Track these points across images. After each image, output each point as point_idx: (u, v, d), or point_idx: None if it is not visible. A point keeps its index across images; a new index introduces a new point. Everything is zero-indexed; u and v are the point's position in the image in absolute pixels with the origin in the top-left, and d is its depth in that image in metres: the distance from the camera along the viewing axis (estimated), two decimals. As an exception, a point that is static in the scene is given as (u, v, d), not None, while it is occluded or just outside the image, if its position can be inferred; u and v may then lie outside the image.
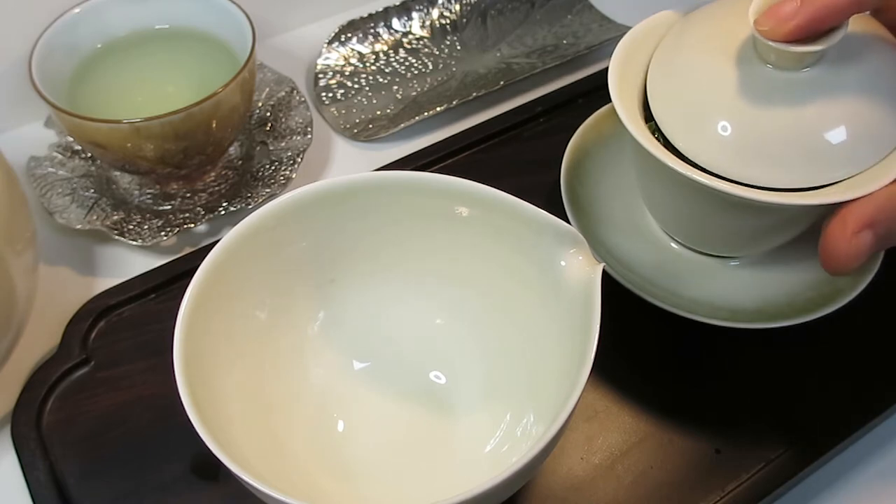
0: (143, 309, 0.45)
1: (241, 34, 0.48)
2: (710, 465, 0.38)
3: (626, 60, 0.38)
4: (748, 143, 0.34)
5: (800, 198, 0.33)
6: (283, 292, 0.38)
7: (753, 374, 0.42)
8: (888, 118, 0.33)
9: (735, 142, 0.34)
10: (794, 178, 0.34)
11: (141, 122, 0.43)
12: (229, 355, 0.35)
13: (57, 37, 0.48)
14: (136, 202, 0.51)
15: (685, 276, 0.43)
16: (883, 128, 0.33)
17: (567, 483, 0.38)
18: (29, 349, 0.43)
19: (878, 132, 0.33)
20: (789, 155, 0.33)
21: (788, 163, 0.34)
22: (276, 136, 0.54)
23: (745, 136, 0.34)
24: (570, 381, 0.30)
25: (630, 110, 0.36)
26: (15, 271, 0.37)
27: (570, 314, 0.33)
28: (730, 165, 0.34)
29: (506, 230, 0.36)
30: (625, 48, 0.39)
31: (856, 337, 0.43)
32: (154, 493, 0.38)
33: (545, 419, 0.34)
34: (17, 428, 0.40)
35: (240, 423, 0.34)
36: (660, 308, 0.40)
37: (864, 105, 0.33)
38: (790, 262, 0.44)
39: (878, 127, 0.33)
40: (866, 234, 0.29)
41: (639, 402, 0.40)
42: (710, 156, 0.35)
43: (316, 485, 0.35)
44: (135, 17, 0.51)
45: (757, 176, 0.34)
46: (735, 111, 0.34)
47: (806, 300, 0.42)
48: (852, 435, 0.39)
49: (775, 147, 0.34)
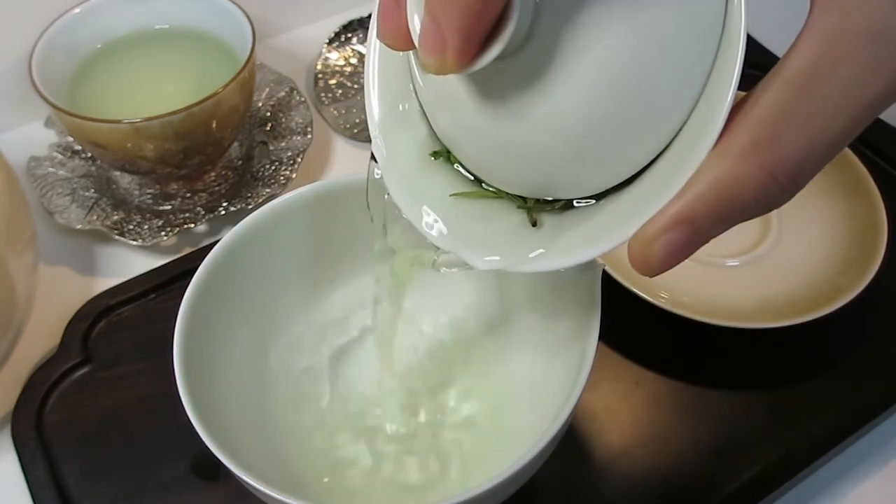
0: (143, 309, 0.45)
1: (241, 34, 0.48)
2: (710, 465, 0.38)
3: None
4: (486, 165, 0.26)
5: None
6: (282, 292, 0.39)
7: (753, 374, 0.42)
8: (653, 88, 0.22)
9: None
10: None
11: (141, 122, 0.43)
12: (229, 355, 0.35)
13: (57, 37, 0.48)
14: (136, 202, 0.51)
15: (685, 277, 0.43)
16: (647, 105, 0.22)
17: (567, 483, 0.38)
18: (29, 349, 0.43)
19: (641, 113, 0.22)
20: (522, 169, 0.25)
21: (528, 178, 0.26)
22: (276, 136, 0.54)
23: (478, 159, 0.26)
24: (570, 381, 0.30)
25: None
26: (15, 271, 0.37)
27: (570, 314, 0.33)
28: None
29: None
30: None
31: (856, 337, 0.43)
32: (154, 493, 0.38)
33: (545, 419, 0.34)
34: (17, 428, 0.40)
35: (240, 422, 0.34)
36: (660, 308, 0.40)
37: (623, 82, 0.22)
38: (790, 262, 0.44)
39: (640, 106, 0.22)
40: (664, 242, 0.22)
41: (639, 402, 0.40)
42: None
43: (315, 483, 0.35)
44: (135, 17, 0.51)
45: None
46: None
47: (806, 300, 0.42)
48: (852, 435, 0.39)
49: (507, 165, 0.25)
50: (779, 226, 0.47)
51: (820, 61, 0.19)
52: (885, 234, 0.43)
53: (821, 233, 0.46)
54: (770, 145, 0.20)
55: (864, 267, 0.42)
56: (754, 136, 0.20)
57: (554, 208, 0.26)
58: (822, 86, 0.19)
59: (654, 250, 0.22)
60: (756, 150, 0.20)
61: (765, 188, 0.20)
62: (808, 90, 0.19)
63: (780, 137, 0.20)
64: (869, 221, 0.44)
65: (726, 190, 0.20)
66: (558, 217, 0.26)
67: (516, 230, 0.26)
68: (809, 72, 0.19)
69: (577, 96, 0.22)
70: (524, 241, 0.26)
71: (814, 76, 0.19)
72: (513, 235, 0.26)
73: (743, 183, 0.20)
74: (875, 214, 0.44)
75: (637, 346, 0.42)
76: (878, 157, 0.52)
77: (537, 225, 0.26)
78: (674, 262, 0.22)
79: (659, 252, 0.21)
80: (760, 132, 0.20)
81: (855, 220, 0.46)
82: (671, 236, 0.21)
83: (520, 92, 0.22)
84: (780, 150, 0.20)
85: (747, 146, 0.20)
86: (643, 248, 0.22)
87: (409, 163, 0.27)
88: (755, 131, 0.20)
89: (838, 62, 0.19)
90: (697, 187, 0.21)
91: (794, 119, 0.19)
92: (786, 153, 0.20)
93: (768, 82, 0.20)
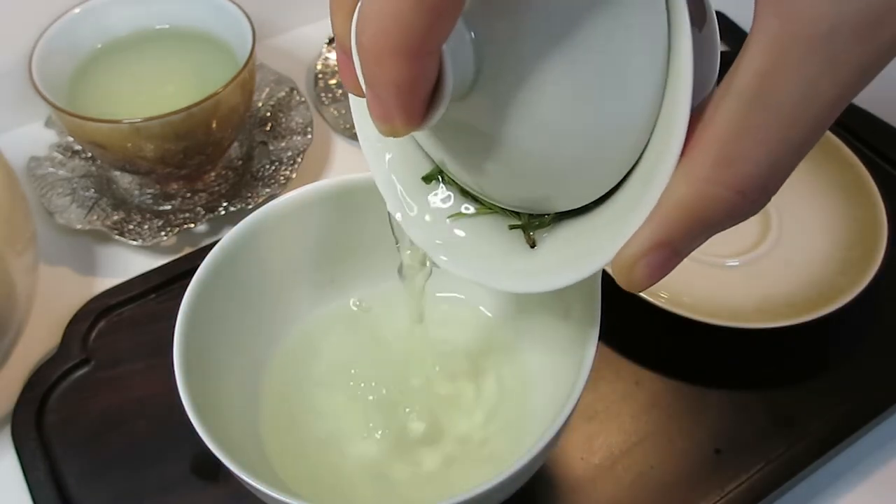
0: (143, 309, 0.45)
1: (241, 34, 0.48)
2: (710, 465, 0.38)
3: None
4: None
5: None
6: (282, 292, 0.39)
7: (753, 373, 0.42)
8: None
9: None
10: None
11: (141, 122, 0.43)
12: (229, 355, 0.35)
13: (57, 37, 0.48)
14: (136, 202, 0.51)
15: (685, 277, 0.43)
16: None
17: (567, 483, 0.38)
18: (29, 349, 0.43)
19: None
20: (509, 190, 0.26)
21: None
22: (276, 136, 0.54)
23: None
24: (570, 382, 0.30)
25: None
26: (15, 271, 0.37)
27: (570, 314, 0.33)
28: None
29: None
30: None
31: (856, 337, 0.43)
32: (154, 493, 0.38)
33: (545, 419, 0.34)
34: (17, 428, 0.40)
35: (239, 423, 0.34)
36: (660, 308, 0.40)
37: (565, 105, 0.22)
38: (790, 262, 0.44)
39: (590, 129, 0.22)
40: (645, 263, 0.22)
41: (639, 402, 0.40)
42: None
43: (315, 483, 0.35)
44: (135, 17, 0.51)
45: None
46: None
47: (806, 300, 0.42)
48: (852, 435, 0.39)
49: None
50: (779, 226, 0.47)
51: (769, 70, 0.18)
52: (885, 234, 0.43)
53: (821, 233, 0.46)
54: (731, 164, 0.19)
55: (864, 267, 0.42)
56: (715, 157, 0.19)
57: (543, 222, 0.27)
58: (775, 95, 0.19)
59: (636, 272, 0.22)
60: (719, 171, 0.20)
61: (734, 206, 0.20)
62: (761, 102, 0.19)
63: (740, 154, 0.19)
64: (869, 221, 0.44)
65: (696, 211, 0.20)
66: (550, 233, 0.27)
67: (512, 250, 0.27)
68: (760, 82, 0.19)
69: (530, 128, 0.22)
70: (519, 261, 0.27)
71: (765, 86, 0.19)
72: (508, 256, 0.27)
73: (711, 204, 0.20)
74: (875, 214, 0.44)
75: (637, 346, 0.42)
76: (878, 157, 0.52)
77: (535, 246, 0.27)
78: (658, 279, 0.22)
79: (640, 274, 0.22)
80: (720, 151, 0.19)
81: (855, 220, 0.46)
82: (650, 259, 0.22)
83: (482, 124, 0.23)
84: (743, 167, 0.19)
85: (709, 167, 0.20)
86: (625, 270, 0.22)
87: (408, 190, 0.29)
88: (715, 151, 0.19)
89: (788, 69, 0.18)
90: (668, 209, 0.21)
91: (752, 133, 0.19)
92: (749, 168, 0.19)
93: (722, 96, 0.19)
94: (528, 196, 0.26)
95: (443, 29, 0.19)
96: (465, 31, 0.21)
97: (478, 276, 0.28)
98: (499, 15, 0.21)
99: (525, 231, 0.28)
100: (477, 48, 0.22)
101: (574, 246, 0.25)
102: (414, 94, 0.20)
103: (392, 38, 0.19)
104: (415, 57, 0.19)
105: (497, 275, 0.27)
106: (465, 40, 0.21)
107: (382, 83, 0.20)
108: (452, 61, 0.20)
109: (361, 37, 0.19)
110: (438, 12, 0.19)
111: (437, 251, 0.28)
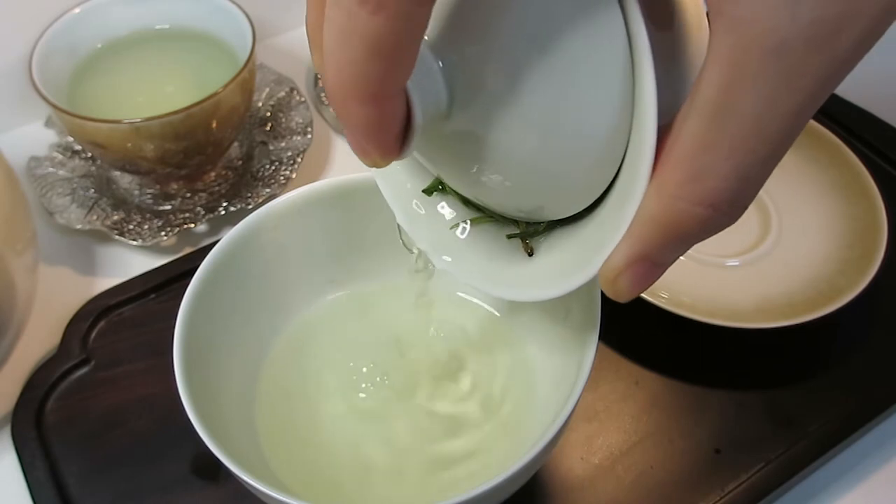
0: (143, 309, 0.45)
1: (241, 34, 0.48)
2: (710, 465, 0.38)
3: None
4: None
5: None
6: (282, 292, 0.39)
7: (753, 373, 0.42)
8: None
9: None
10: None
11: (141, 122, 0.43)
12: (229, 355, 0.35)
13: (57, 37, 0.48)
14: (136, 202, 0.51)
15: (685, 277, 0.43)
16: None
17: (567, 483, 0.38)
18: (29, 349, 0.43)
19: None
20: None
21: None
22: (276, 136, 0.54)
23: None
24: (571, 381, 0.30)
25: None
26: (15, 271, 0.37)
27: (570, 314, 0.33)
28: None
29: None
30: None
31: (856, 337, 0.43)
32: (154, 493, 0.38)
33: (545, 419, 0.34)
34: (17, 428, 0.40)
35: (239, 423, 0.34)
36: (660, 308, 0.40)
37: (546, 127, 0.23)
38: (790, 262, 0.44)
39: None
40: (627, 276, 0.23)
41: (639, 402, 0.40)
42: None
43: (314, 483, 0.35)
44: (135, 17, 0.51)
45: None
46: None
47: (805, 300, 0.42)
48: (852, 435, 0.39)
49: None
50: (779, 226, 0.47)
51: (727, 86, 0.18)
52: (885, 234, 0.43)
53: (821, 233, 0.46)
54: (700, 179, 0.19)
55: (864, 267, 0.42)
56: (684, 173, 0.20)
57: (538, 231, 0.28)
58: (736, 110, 0.18)
59: (620, 285, 0.23)
60: (688, 187, 0.20)
61: (706, 220, 0.20)
62: (722, 117, 0.19)
63: (708, 170, 0.19)
64: (869, 221, 0.44)
65: (669, 227, 0.21)
66: (547, 241, 0.28)
67: (512, 257, 0.29)
68: (719, 98, 0.19)
69: (507, 145, 0.23)
70: (518, 269, 0.28)
71: (725, 102, 0.18)
72: (508, 263, 0.29)
73: (683, 219, 0.20)
74: (875, 214, 0.44)
75: (637, 346, 0.42)
76: (878, 157, 0.52)
77: (533, 254, 0.28)
78: (643, 289, 0.23)
79: (625, 286, 0.23)
80: (688, 167, 0.19)
81: (855, 220, 0.46)
82: (631, 272, 0.22)
83: (466, 140, 0.24)
84: (712, 182, 0.19)
85: (678, 184, 0.20)
86: (609, 283, 0.23)
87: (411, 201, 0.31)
88: (683, 167, 0.19)
89: (745, 84, 0.18)
90: (642, 226, 0.21)
91: (718, 148, 0.19)
92: (717, 183, 0.19)
93: (686, 112, 0.19)
94: (520, 206, 0.27)
95: (399, 73, 0.20)
96: (433, 60, 0.22)
97: (478, 282, 0.29)
98: (464, 42, 0.22)
99: (522, 240, 0.29)
100: (447, 74, 0.23)
101: (567, 255, 0.26)
102: (383, 132, 0.21)
103: (351, 87, 0.20)
104: (375, 101, 0.20)
105: (496, 282, 0.28)
106: (433, 70, 0.22)
107: (351, 125, 0.21)
108: (419, 96, 0.22)
109: (325, 83, 0.20)
110: (392, 59, 0.19)
111: (441, 258, 0.30)
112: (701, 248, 0.44)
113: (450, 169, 0.27)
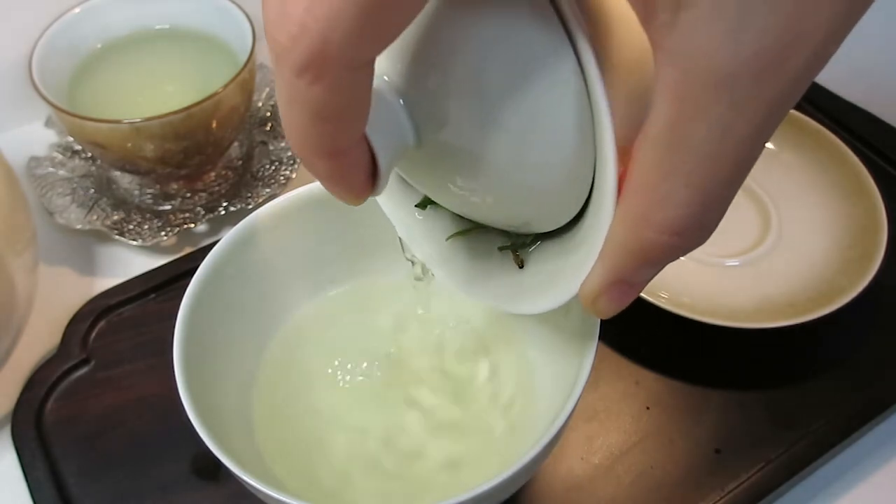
0: (143, 309, 0.45)
1: (241, 34, 0.48)
2: (710, 465, 0.38)
3: None
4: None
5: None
6: (282, 292, 0.39)
7: (753, 373, 0.42)
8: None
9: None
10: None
11: (141, 122, 0.43)
12: (229, 355, 0.35)
13: (57, 37, 0.48)
14: (136, 202, 0.51)
15: (685, 277, 0.43)
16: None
17: (567, 483, 0.38)
18: (29, 349, 0.43)
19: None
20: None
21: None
22: (276, 136, 0.54)
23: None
24: (571, 381, 0.30)
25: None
26: (15, 271, 0.37)
27: (570, 314, 0.33)
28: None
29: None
30: None
31: (856, 337, 0.43)
32: (154, 493, 0.38)
33: (546, 419, 0.34)
34: (17, 428, 0.40)
35: (239, 423, 0.34)
36: (660, 308, 0.40)
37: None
38: (790, 262, 0.44)
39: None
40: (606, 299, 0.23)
41: (639, 402, 0.40)
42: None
43: (313, 483, 0.35)
44: (135, 17, 0.51)
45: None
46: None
47: (806, 300, 0.42)
48: (852, 435, 0.39)
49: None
50: (779, 226, 0.47)
51: (678, 119, 0.18)
52: (885, 234, 0.43)
53: (821, 233, 0.46)
54: (663, 208, 0.19)
55: (864, 267, 0.42)
56: (647, 203, 0.20)
57: (526, 243, 0.29)
58: (689, 140, 0.18)
59: (599, 306, 0.23)
60: (651, 215, 0.20)
61: (673, 246, 0.20)
62: (676, 149, 0.19)
63: (669, 198, 0.19)
64: (869, 221, 0.44)
65: (638, 253, 0.21)
66: (537, 252, 0.29)
67: (503, 268, 0.30)
68: (671, 130, 0.19)
69: (476, 169, 0.24)
70: (509, 279, 0.29)
71: (677, 134, 0.18)
72: (501, 273, 0.30)
73: (653, 247, 0.20)
74: (875, 214, 0.44)
75: (637, 346, 0.42)
76: (878, 157, 0.52)
77: (523, 266, 0.29)
78: (622, 307, 0.24)
79: (604, 306, 0.23)
80: (650, 196, 0.19)
81: (855, 220, 0.46)
82: (608, 295, 0.23)
83: (441, 165, 0.25)
84: (673, 210, 0.19)
85: (642, 213, 0.20)
86: (589, 305, 0.23)
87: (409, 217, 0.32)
88: (646, 196, 0.20)
89: (696, 116, 0.18)
90: (612, 252, 0.22)
91: (676, 177, 0.19)
92: (680, 211, 0.19)
93: (641, 142, 0.19)
94: (502, 220, 0.28)
95: (349, 131, 0.20)
96: (394, 97, 0.23)
97: (473, 293, 0.30)
98: (424, 77, 0.23)
99: (512, 252, 0.29)
100: (410, 108, 0.23)
101: (555, 268, 0.27)
102: (347, 180, 0.22)
103: (306, 147, 0.20)
104: (332, 157, 0.21)
105: (490, 294, 0.30)
106: (394, 108, 0.23)
107: (318, 176, 0.22)
108: (380, 140, 0.22)
109: (287, 140, 0.21)
110: (338, 121, 0.20)
111: (437, 268, 0.31)
112: (701, 248, 0.44)
113: (432, 188, 0.28)
